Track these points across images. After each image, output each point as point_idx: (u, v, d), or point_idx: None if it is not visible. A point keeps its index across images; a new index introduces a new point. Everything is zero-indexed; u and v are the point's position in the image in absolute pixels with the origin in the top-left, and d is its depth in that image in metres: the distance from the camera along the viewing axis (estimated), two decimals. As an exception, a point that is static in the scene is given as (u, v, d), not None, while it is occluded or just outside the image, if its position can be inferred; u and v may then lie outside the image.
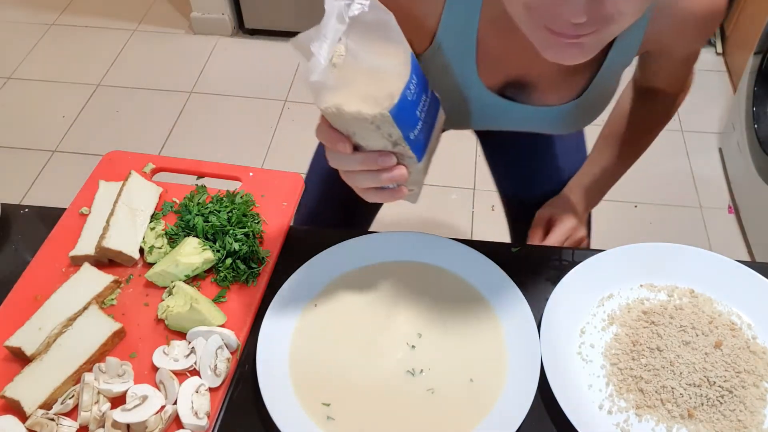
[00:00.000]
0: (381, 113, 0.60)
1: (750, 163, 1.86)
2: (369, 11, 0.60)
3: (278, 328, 0.78)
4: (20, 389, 0.71)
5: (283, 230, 0.88)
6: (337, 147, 0.65)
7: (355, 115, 0.61)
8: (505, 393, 0.73)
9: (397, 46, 0.63)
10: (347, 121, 0.63)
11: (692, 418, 0.72)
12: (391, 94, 0.61)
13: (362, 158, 0.65)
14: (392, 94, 0.61)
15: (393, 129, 0.62)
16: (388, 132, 0.63)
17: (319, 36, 0.59)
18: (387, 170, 0.65)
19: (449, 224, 1.97)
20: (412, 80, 0.63)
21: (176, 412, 0.70)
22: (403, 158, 0.66)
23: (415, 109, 0.64)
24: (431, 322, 0.80)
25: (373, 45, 0.62)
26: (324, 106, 0.61)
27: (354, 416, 0.72)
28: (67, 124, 2.28)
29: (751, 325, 0.80)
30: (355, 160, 0.65)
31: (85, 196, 0.92)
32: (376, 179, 0.66)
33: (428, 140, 0.69)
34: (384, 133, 0.63)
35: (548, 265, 0.86)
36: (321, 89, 0.60)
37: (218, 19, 2.57)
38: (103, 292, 0.80)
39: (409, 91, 0.62)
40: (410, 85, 0.63)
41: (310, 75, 0.59)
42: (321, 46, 0.59)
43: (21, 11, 2.74)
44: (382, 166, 0.65)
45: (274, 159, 2.16)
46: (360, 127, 0.63)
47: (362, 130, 0.63)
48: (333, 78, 0.60)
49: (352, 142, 0.65)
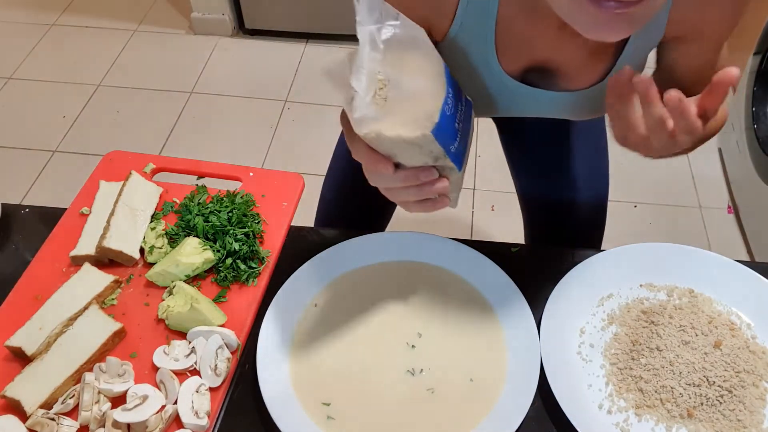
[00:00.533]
0: (423, 134, 0.59)
1: (749, 163, 1.86)
2: (400, 31, 0.60)
3: (278, 328, 0.79)
4: (21, 389, 0.71)
5: (283, 230, 0.89)
6: (378, 168, 0.63)
7: (396, 139, 0.60)
8: (505, 393, 0.73)
9: (430, 60, 0.63)
10: (388, 144, 0.62)
11: (692, 418, 0.72)
12: (431, 114, 0.60)
13: (404, 176, 0.64)
14: (431, 113, 0.60)
15: (434, 146, 0.61)
16: (429, 149, 0.62)
17: (356, 68, 0.58)
18: (429, 184, 0.65)
19: (449, 224, 1.97)
20: (449, 94, 0.62)
21: (176, 411, 0.70)
22: (443, 170, 0.65)
23: (453, 122, 0.63)
24: (431, 322, 0.80)
25: (408, 65, 0.62)
26: (364, 132, 0.60)
27: (354, 416, 0.72)
28: (68, 124, 2.28)
29: (750, 325, 0.80)
30: (397, 178, 0.64)
31: (85, 196, 0.92)
32: (418, 194, 0.66)
33: (467, 148, 0.68)
34: (425, 151, 0.62)
35: (548, 265, 0.86)
36: (363, 120, 0.59)
37: (218, 19, 2.57)
38: (103, 292, 0.80)
39: (447, 107, 0.61)
40: (447, 100, 0.62)
41: (354, 111, 0.57)
42: (360, 80, 0.58)
43: (21, 11, 2.75)
44: (425, 181, 0.64)
45: (274, 159, 2.16)
46: (401, 148, 0.62)
47: (403, 151, 0.62)
48: (375, 109, 0.59)
49: (392, 161, 0.64)
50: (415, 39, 0.62)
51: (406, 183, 0.64)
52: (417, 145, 0.61)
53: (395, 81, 0.60)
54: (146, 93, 2.40)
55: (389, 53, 0.60)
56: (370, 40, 0.59)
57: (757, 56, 1.88)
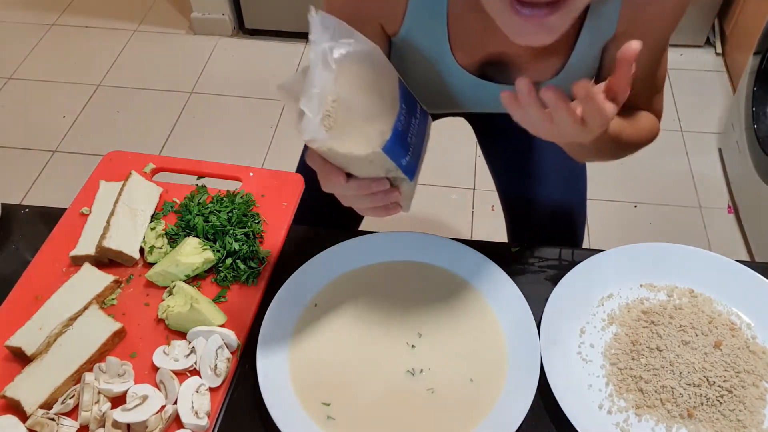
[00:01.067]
0: (374, 152, 0.61)
1: (749, 163, 1.86)
2: (354, 48, 0.60)
3: (278, 328, 0.79)
4: (20, 389, 0.71)
5: (283, 230, 0.89)
6: (330, 179, 0.65)
7: (347, 155, 0.61)
8: (505, 393, 0.73)
9: (384, 76, 0.63)
10: (340, 158, 0.63)
11: (692, 418, 0.72)
12: (383, 132, 0.61)
13: (357, 185, 0.66)
14: (383, 131, 0.61)
15: (386, 161, 0.63)
16: (381, 164, 0.63)
17: (307, 88, 0.57)
18: (381, 193, 0.67)
19: (449, 224, 1.97)
20: (402, 110, 0.63)
21: (176, 411, 0.70)
22: (395, 180, 0.67)
23: (405, 137, 0.64)
24: (431, 322, 0.80)
25: (361, 83, 0.62)
26: (315, 146, 0.61)
27: (354, 416, 0.72)
28: (68, 124, 2.28)
29: (750, 325, 0.80)
30: (349, 187, 0.66)
31: (85, 196, 0.92)
32: (372, 202, 0.68)
33: (420, 159, 0.69)
34: (377, 165, 0.63)
35: (548, 265, 0.86)
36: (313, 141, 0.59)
37: (218, 19, 2.57)
38: (103, 292, 0.80)
39: (399, 123, 0.63)
40: (400, 116, 0.63)
41: (303, 133, 0.58)
42: (310, 101, 0.57)
43: (21, 11, 2.75)
44: (376, 191, 0.66)
45: (274, 159, 2.16)
46: (353, 162, 0.63)
47: (355, 164, 0.64)
48: (325, 130, 0.60)
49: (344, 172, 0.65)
50: (370, 56, 0.62)
51: (358, 192, 0.66)
52: (368, 160, 0.62)
53: (347, 100, 0.60)
54: (146, 93, 2.40)
55: (342, 72, 0.60)
56: (322, 59, 0.58)
57: (758, 56, 1.88)
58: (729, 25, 2.40)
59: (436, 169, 2.04)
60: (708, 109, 2.30)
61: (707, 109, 2.30)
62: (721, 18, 2.44)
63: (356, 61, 0.61)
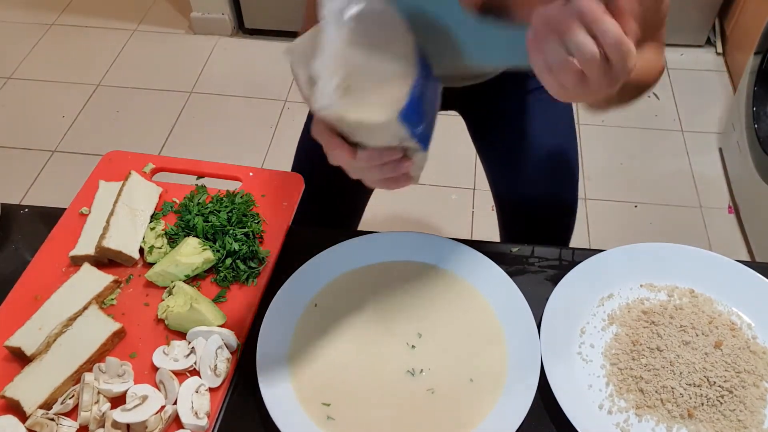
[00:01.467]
0: (389, 119, 0.57)
1: (750, 162, 1.86)
2: (367, 8, 0.56)
3: (278, 328, 0.78)
4: (20, 389, 0.71)
5: (283, 230, 0.89)
6: (337, 152, 0.62)
7: (362, 123, 0.58)
8: (505, 393, 0.73)
9: (399, 38, 0.59)
10: (351, 126, 0.59)
11: (692, 418, 0.72)
12: (399, 98, 0.57)
13: (367, 156, 0.62)
14: (399, 97, 0.57)
15: (400, 129, 0.59)
16: (395, 132, 0.59)
17: (320, 51, 0.54)
18: (392, 163, 0.63)
19: (449, 224, 1.97)
20: (418, 74, 0.60)
21: (176, 412, 0.70)
22: (408, 150, 0.63)
23: (421, 104, 0.60)
24: (431, 322, 0.80)
25: (375, 46, 0.58)
26: (326, 114, 0.57)
27: (354, 416, 0.72)
28: (67, 124, 2.28)
29: (751, 325, 0.80)
30: (360, 158, 0.62)
31: (85, 196, 0.92)
32: (381, 173, 0.64)
33: (432, 127, 0.66)
34: (390, 133, 0.60)
35: (548, 265, 0.86)
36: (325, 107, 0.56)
37: (218, 19, 2.57)
38: (103, 292, 0.80)
39: (415, 89, 0.59)
40: (417, 81, 0.59)
41: (316, 99, 0.54)
42: (324, 65, 0.54)
43: (21, 11, 2.74)
44: (388, 161, 0.63)
45: (274, 159, 2.16)
46: (365, 131, 0.60)
47: (367, 132, 0.60)
48: (339, 97, 0.56)
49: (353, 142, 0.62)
50: (383, 16, 0.58)
51: (369, 163, 0.63)
52: (382, 128, 0.58)
53: (361, 65, 0.57)
54: (146, 93, 2.40)
55: (355, 34, 0.56)
56: (335, 20, 0.55)
57: (758, 56, 1.88)
58: (729, 25, 2.40)
59: (436, 169, 2.04)
60: (708, 108, 2.30)
61: (708, 108, 2.30)
62: (721, 18, 2.44)
63: (370, 22, 0.57)
